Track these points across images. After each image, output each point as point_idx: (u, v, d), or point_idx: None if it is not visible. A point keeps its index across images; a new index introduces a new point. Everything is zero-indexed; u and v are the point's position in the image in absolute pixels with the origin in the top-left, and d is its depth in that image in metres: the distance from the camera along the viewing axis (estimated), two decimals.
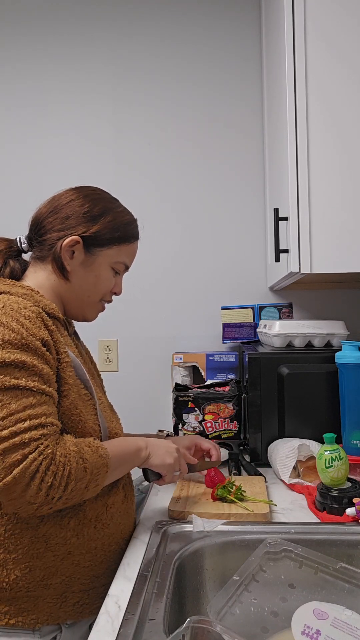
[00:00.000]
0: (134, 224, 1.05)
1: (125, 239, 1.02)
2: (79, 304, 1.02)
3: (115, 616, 0.70)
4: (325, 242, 1.31)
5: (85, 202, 1.00)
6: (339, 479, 1.03)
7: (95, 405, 0.94)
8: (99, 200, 1.02)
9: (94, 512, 0.90)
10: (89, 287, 1.01)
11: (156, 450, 0.98)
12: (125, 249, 1.03)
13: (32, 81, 1.97)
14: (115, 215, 1.01)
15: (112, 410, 1.07)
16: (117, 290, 1.06)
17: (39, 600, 0.85)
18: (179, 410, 1.52)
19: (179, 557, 0.85)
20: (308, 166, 1.31)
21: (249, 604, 0.69)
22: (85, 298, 1.01)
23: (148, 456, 0.96)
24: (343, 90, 1.31)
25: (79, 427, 0.89)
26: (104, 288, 1.02)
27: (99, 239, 0.99)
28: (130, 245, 1.04)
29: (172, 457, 0.99)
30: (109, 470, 0.86)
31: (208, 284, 1.93)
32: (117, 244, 1.01)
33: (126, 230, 1.02)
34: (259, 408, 1.36)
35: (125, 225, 1.02)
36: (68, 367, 0.89)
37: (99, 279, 1.01)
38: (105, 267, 1.01)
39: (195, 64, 1.93)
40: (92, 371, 1.08)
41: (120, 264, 1.03)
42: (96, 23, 1.95)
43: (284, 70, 1.34)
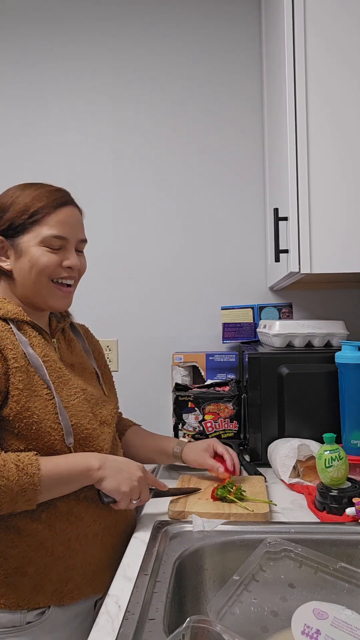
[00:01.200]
0: (45, 196, 1.00)
1: (38, 214, 0.98)
2: (34, 295, 1.00)
3: (115, 616, 0.70)
4: (325, 242, 1.31)
5: (4, 199, 1.01)
6: (339, 478, 1.03)
7: (56, 404, 0.94)
8: (10, 191, 1.02)
9: (65, 505, 0.93)
10: (28, 275, 0.99)
11: (114, 472, 0.93)
12: (46, 222, 0.98)
13: (32, 80, 1.97)
14: (22, 198, 0.99)
15: (99, 407, 1.05)
16: (68, 264, 1.00)
17: (18, 587, 0.89)
18: (179, 410, 1.52)
19: (179, 557, 0.85)
20: (308, 166, 1.31)
21: (249, 604, 0.69)
22: (32, 286, 0.99)
23: (101, 478, 0.92)
24: (343, 89, 1.31)
25: (34, 429, 0.91)
26: (41, 267, 0.98)
27: (14, 228, 0.98)
28: (50, 217, 0.99)
29: (129, 484, 0.93)
30: (41, 488, 0.86)
31: (208, 284, 1.93)
32: (32, 224, 0.98)
33: (35, 207, 0.98)
34: (259, 408, 1.36)
35: (32, 202, 0.99)
36: (18, 373, 0.91)
37: (32, 261, 0.98)
38: (33, 249, 0.98)
39: (195, 63, 1.93)
40: (75, 366, 1.07)
41: (49, 237, 0.98)
42: (96, 22, 1.95)
43: (283, 69, 1.34)
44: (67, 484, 0.90)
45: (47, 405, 0.93)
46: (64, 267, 1.00)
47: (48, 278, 0.99)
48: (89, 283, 1.50)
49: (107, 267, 1.95)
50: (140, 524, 1.01)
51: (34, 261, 0.98)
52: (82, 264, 1.05)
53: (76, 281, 1.05)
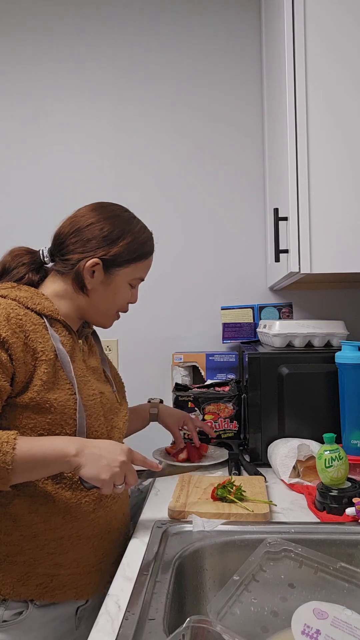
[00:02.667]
0: (150, 241, 1.10)
1: (142, 257, 1.08)
2: (96, 315, 1.08)
3: (115, 616, 0.70)
4: (325, 242, 1.31)
5: (105, 225, 1.05)
6: (339, 478, 1.03)
7: (77, 401, 0.96)
8: (118, 223, 1.06)
9: (63, 504, 0.94)
10: (107, 303, 1.07)
11: (93, 460, 0.87)
12: (142, 265, 1.08)
13: (32, 80, 1.97)
14: (133, 236, 1.06)
15: (112, 414, 1.07)
16: (133, 301, 1.13)
17: (5, 574, 0.90)
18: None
19: (179, 557, 0.85)
20: (308, 166, 1.31)
21: (249, 604, 0.69)
22: (103, 311, 1.08)
23: (79, 465, 0.87)
24: (343, 89, 1.31)
25: (48, 419, 0.93)
26: (121, 302, 1.09)
27: (118, 260, 1.04)
28: (146, 261, 1.10)
29: (110, 471, 0.87)
30: (14, 468, 0.82)
31: (208, 284, 1.93)
32: (134, 262, 1.06)
33: (143, 249, 1.07)
34: (259, 408, 1.36)
35: (142, 244, 1.07)
36: (44, 365, 0.93)
37: (117, 295, 1.07)
38: (123, 284, 1.07)
39: (195, 63, 1.93)
40: (95, 370, 1.10)
41: (137, 279, 1.09)
42: (96, 22, 1.95)
43: (284, 69, 1.34)
44: (43, 467, 0.87)
45: (69, 399, 0.95)
46: (128, 302, 1.12)
47: (116, 309, 1.10)
48: None
49: None
50: (140, 524, 1.01)
51: (119, 296, 1.07)
52: None
53: None
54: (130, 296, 1.11)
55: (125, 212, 1.10)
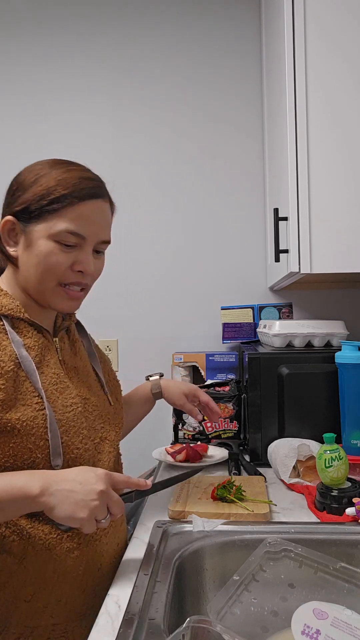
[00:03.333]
0: (73, 182, 0.85)
1: (59, 202, 0.83)
2: (36, 293, 0.88)
3: (115, 616, 0.70)
4: (325, 242, 1.31)
5: (24, 175, 0.87)
6: (339, 478, 1.03)
7: (47, 417, 0.80)
8: (37, 167, 0.87)
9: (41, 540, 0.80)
10: (34, 271, 0.85)
11: (63, 497, 0.71)
12: (66, 214, 0.83)
13: (32, 80, 1.97)
14: (46, 179, 0.84)
15: (101, 421, 0.93)
16: (80, 268, 0.86)
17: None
18: (179, 410, 1.52)
19: (179, 557, 0.85)
20: (308, 166, 1.31)
21: (249, 604, 0.69)
22: (37, 284, 0.86)
23: (49, 506, 0.71)
24: (343, 89, 1.31)
25: (12, 444, 0.78)
26: (50, 268, 0.84)
27: (29, 212, 0.84)
28: (71, 209, 0.83)
29: (87, 506, 0.71)
30: None
31: (208, 284, 1.93)
32: (50, 213, 0.83)
33: (58, 193, 0.83)
34: (259, 408, 1.36)
35: (55, 187, 0.83)
36: (1, 379, 0.78)
37: (40, 257, 0.84)
38: (43, 242, 0.84)
39: (195, 63, 1.93)
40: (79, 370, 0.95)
41: (63, 232, 0.83)
42: (96, 22, 1.95)
43: (284, 69, 1.34)
44: (7, 510, 0.72)
45: (37, 416, 0.79)
46: (74, 271, 0.86)
47: (55, 280, 0.86)
48: None
49: (107, 267, 1.94)
50: (140, 524, 1.00)
51: (42, 258, 0.84)
52: (97, 268, 0.92)
53: (89, 286, 0.92)
54: (69, 260, 0.85)
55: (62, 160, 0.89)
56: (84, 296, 0.91)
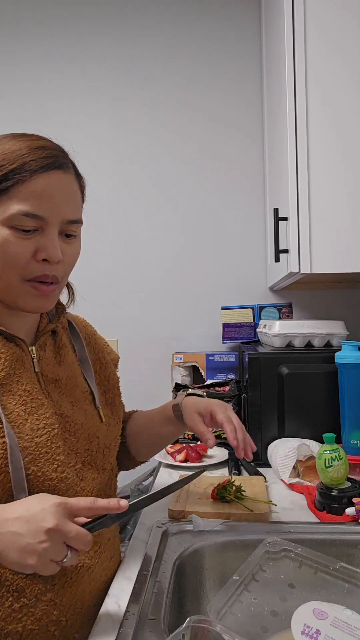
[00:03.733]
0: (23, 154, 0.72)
1: (8, 180, 0.70)
2: (1, 293, 0.75)
3: (115, 616, 0.70)
4: (325, 242, 1.31)
5: None
6: (339, 478, 1.03)
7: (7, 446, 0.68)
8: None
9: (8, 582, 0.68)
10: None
11: (9, 542, 0.58)
12: (17, 192, 0.70)
13: (32, 80, 1.97)
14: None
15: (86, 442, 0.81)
16: (44, 255, 0.72)
17: None
18: None
19: (179, 557, 0.85)
20: (308, 166, 1.31)
21: (249, 604, 0.69)
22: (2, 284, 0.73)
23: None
24: (343, 89, 1.31)
25: None
26: (8, 261, 0.71)
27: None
28: (23, 185, 0.70)
29: (35, 551, 0.58)
30: None
31: (208, 284, 1.93)
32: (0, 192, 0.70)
33: (5, 169, 0.70)
34: (259, 408, 1.36)
35: (2, 162, 0.71)
36: None
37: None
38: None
39: (195, 63, 1.93)
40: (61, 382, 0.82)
41: (17, 215, 0.70)
42: (96, 22, 1.95)
43: (283, 69, 1.34)
44: None
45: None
46: (38, 261, 0.72)
47: (18, 275, 0.72)
48: (89, 283, 1.50)
49: (107, 267, 1.95)
50: (140, 524, 1.00)
51: (3, 253, 0.71)
52: (70, 254, 0.77)
53: (62, 278, 0.77)
54: (25, 247, 0.71)
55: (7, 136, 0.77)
56: (58, 290, 0.78)
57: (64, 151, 0.78)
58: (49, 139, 0.79)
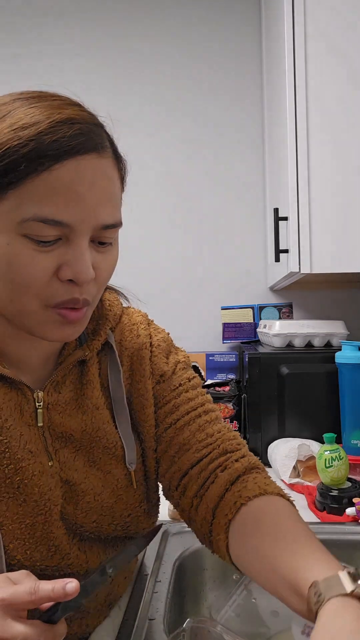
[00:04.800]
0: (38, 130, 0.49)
1: (16, 170, 0.48)
2: (15, 318, 0.55)
3: (116, 616, 0.70)
4: (325, 242, 1.31)
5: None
6: (339, 478, 1.03)
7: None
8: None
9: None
10: (2, 286, 0.52)
11: None
12: (31, 188, 0.49)
13: (31, 79, 1.97)
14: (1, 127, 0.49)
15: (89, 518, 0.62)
16: (69, 275, 0.51)
17: None
18: None
19: (179, 557, 0.85)
20: (308, 166, 1.31)
21: (249, 604, 0.69)
22: (10, 307, 0.54)
23: None
24: (343, 89, 1.31)
25: None
26: (22, 282, 0.51)
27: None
28: (39, 179, 0.48)
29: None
30: None
31: (208, 284, 1.93)
32: (9, 186, 0.49)
33: (17, 151, 0.48)
34: (259, 408, 1.36)
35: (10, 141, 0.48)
36: None
37: (3, 264, 0.51)
38: (5, 238, 0.50)
39: (195, 63, 1.93)
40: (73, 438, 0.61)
41: (32, 222, 0.49)
42: (96, 22, 1.95)
43: (283, 70, 1.34)
44: None
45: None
46: (62, 280, 0.52)
47: (36, 301, 0.52)
48: None
49: None
50: None
51: (6, 266, 0.51)
52: (104, 267, 0.56)
53: (94, 298, 0.57)
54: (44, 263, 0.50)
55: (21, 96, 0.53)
56: (90, 312, 0.57)
57: (98, 123, 0.56)
58: (78, 103, 0.56)
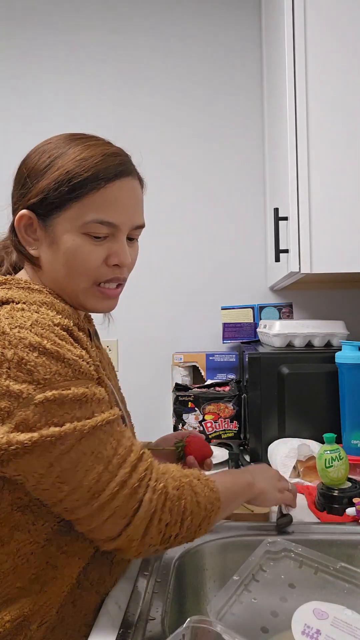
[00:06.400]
0: (96, 161, 0.74)
1: (83, 188, 0.71)
2: (68, 295, 0.77)
3: (116, 616, 0.70)
4: (325, 242, 1.31)
5: (36, 156, 0.76)
6: (339, 479, 1.03)
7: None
8: (50, 146, 0.77)
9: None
10: (64, 272, 0.74)
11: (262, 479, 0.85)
12: (92, 200, 0.72)
13: (32, 79, 1.97)
14: (63, 160, 0.73)
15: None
16: (116, 261, 0.75)
17: None
18: (179, 410, 1.52)
19: (179, 557, 0.85)
20: (308, 166, 1.31)
21: (249, 604, 0.69)
22: (68, 286, 0.75)
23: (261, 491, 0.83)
24: (344, 89, 1.31)
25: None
26: (81, 267, 0.74)
27: (48, 203, 0.72)
28: (98, 193, 0.72)
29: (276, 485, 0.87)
30: (222, 505, 0.73)
31: (208, 284, 1.93)
32: (74, 199, 0.72)
33: (80, 177, 0.71)
34: (259, 408, 1.36)
35: (76, 168, 0.72)
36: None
37: (68, 256, 0.73)
38: (69, 237, 0.73)
39: (195, 62, 1.93)
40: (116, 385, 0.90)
41: (92, 223, 0.72)
42: (96, 22, 1.95)
43: (284, 68, 1.34)
44: (234, 500, 0.78)
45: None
46: (109, 266, 0.76)
47: (89, 280, 0.75)
48: None
49: None
50: None
51: (70, 256, 0.73)
52: (133, 258, 0.81)
53: (125, 280, 0.81)
54: (98, 253, 0.74)
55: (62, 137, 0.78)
56: (120, 293, 0.81)
57: (129, 156, 0.83)
58: (113, 143, 0.84)
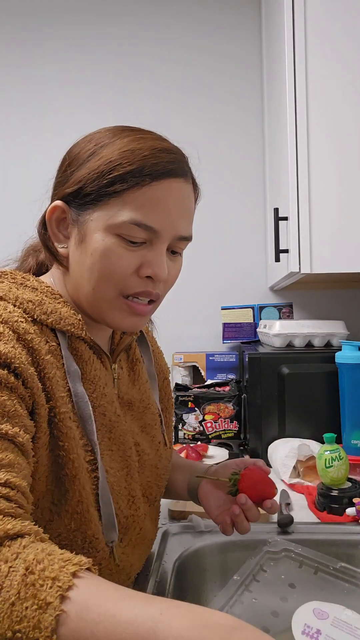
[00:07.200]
0: (143, 154, 0.62)
1: (123, 182, 0.60)
2: (90, 304, 0.65)
3: None
4: (325, 242, 1.31)
5: (82, 143, 0.67)
6: (339, 479, 1.03)
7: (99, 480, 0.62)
8: (97, 136, 0.66)
9: None
10: (88, 276, 0.63)
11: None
12: (131, 198, 0.61)
13: (32, 79, 1.97)
14: (108, 151, 0.62)
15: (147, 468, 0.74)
16: (149, 272, 0.63)
17: None
18: (179, 410, 1.52)
19: (179, 557, 0.85)
20: (308, 166, 1.31)
21: (249, 604, 0.69)
22: (91, 294, 0.64)
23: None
24: (343, 89, 1.31)
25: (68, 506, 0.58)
26: (108, 272, 0.62)
27: (84, 195, 0.62)
28: (139, 191, 0.61)
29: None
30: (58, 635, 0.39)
31: (208, 284, 1.93)
32: (112, 195, 0.61)
33: (121, 169, 0.61)
34: (259, 408, 1.36)
35: (118, 160, 0.61)
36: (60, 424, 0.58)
37: (95, 257, 0.62)
38: (100, 236, 0.61)
39: (195, 64, 1.93)
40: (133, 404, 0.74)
41: (128, 224, 0.61)
42: (96, 22, 1.95)
43: (284, 70, 1.34)
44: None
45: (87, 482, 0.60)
46: (141, 277, 0.63)
47: (115, 290, 0.63)
48: None
49: None
50: None
51: (97, 257, 0.62)
52: (173, 273, 0.69)
53: (159, 297, 0.70)
54: (130, 259, 0.62)
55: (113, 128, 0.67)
56: (152, 311, 0.70)
57: (185, 156, 0.72)
58: (170, 141, 0.71)
